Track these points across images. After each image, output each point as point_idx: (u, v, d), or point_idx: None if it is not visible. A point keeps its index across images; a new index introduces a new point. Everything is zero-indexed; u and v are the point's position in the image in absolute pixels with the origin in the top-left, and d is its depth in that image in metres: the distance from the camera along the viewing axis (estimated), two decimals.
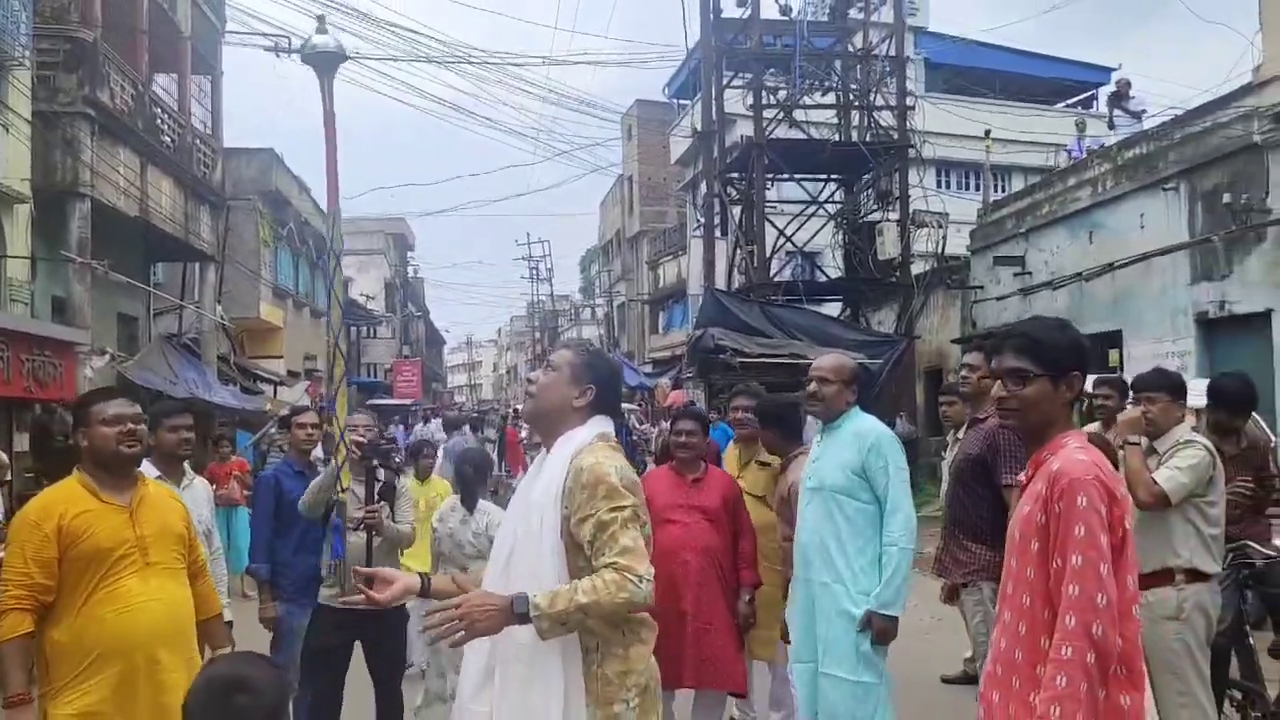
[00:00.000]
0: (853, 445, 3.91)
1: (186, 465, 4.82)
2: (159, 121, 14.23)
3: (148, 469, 4.41)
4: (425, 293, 54.66)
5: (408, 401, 31.93)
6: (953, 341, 18.08)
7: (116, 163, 12.20)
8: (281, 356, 23.73)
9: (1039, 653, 2.10)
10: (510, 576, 2.47)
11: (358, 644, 4.78)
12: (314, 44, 3.79)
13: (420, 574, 2.78)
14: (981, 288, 17.30)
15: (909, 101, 16.78)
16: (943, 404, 6.51)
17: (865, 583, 3.82)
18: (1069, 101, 30.99)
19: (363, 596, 2.58)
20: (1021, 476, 4.08)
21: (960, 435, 6.08)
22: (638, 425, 25.09)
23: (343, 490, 4.07)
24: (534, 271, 58.07)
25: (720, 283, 16.85)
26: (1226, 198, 10.77)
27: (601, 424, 2.57)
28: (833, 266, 18.81)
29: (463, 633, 2.26)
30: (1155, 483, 3.80)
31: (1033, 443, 2.34)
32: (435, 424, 20.92)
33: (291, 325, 25.10)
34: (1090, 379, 6.05)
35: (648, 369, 36.12)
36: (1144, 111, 14.37)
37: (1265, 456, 5.03)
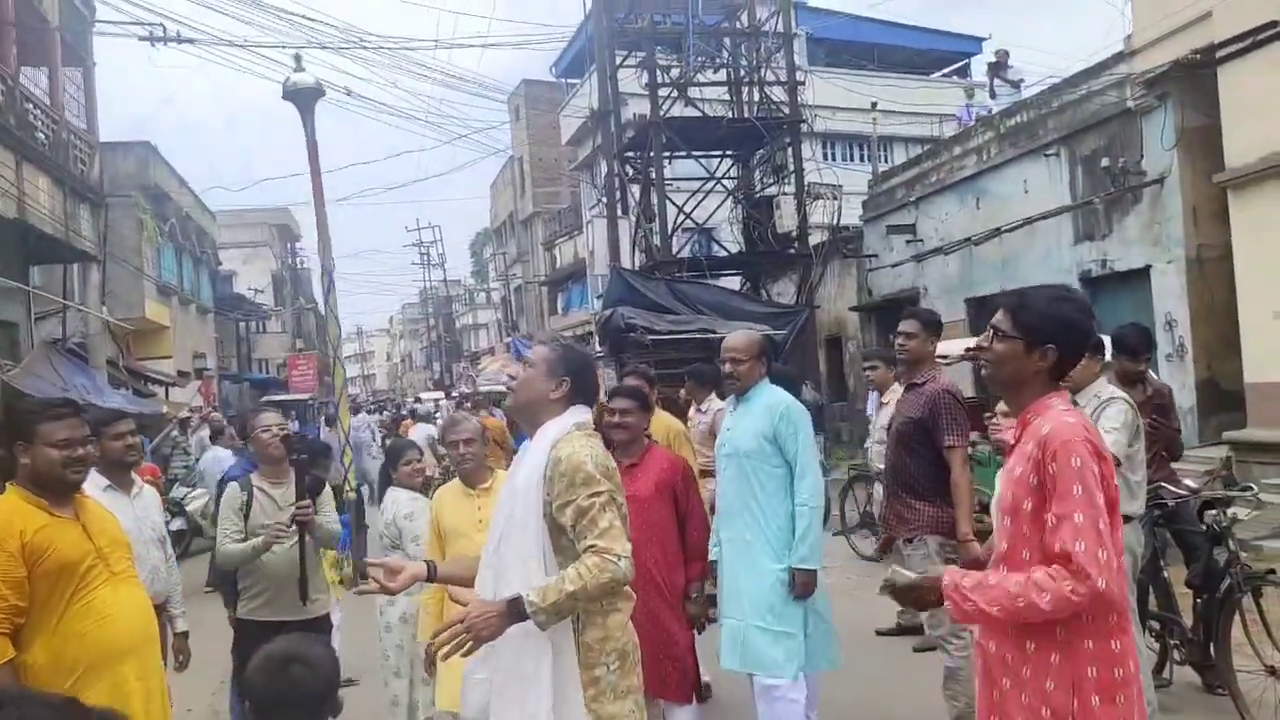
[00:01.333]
0: (765, 415, 4.22)
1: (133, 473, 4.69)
2: (31, 117, 13.54)
3: (96, 479, 4.33)
4: (313, 284, 53.23)
5: (304, 396, 31.18)
6: (850, 309, 18.64)
7: None
8: (170, 356, 22.89)
9: None
10: (502, 555, 2.69)
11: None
12: (294, 82, 3.89)
13: (426, 561, 3.00)
14: (875, 256, 17.84)
15: (798, 77, 17.09)
16: (866, 369, 6.74)
17: (780, 540, 4.16)
18: (944, 71, 31.99)
19: (375, 585, 2.79)
20: (957, 439, 4.40)
21: (884, 399, 6.34)
22: None
23: (351, 490, 4.07)
24: (425, 257, 57.30)
25: (624, 262, 16.93)
26: (1105, 161, 11.36)
27: (578, 413, 2.77)
28: (731, 241, 19.07)
29: (471, 644, 2.47)
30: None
31: (1010, 402, 2.48)
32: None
33: (179, 323, 24.24)
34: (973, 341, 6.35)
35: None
36: (1022, 81, 14.99)
37: (1166, 400, 5.41)
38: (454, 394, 33.98)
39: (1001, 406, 3.97)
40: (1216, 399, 10.71)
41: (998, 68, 15.19)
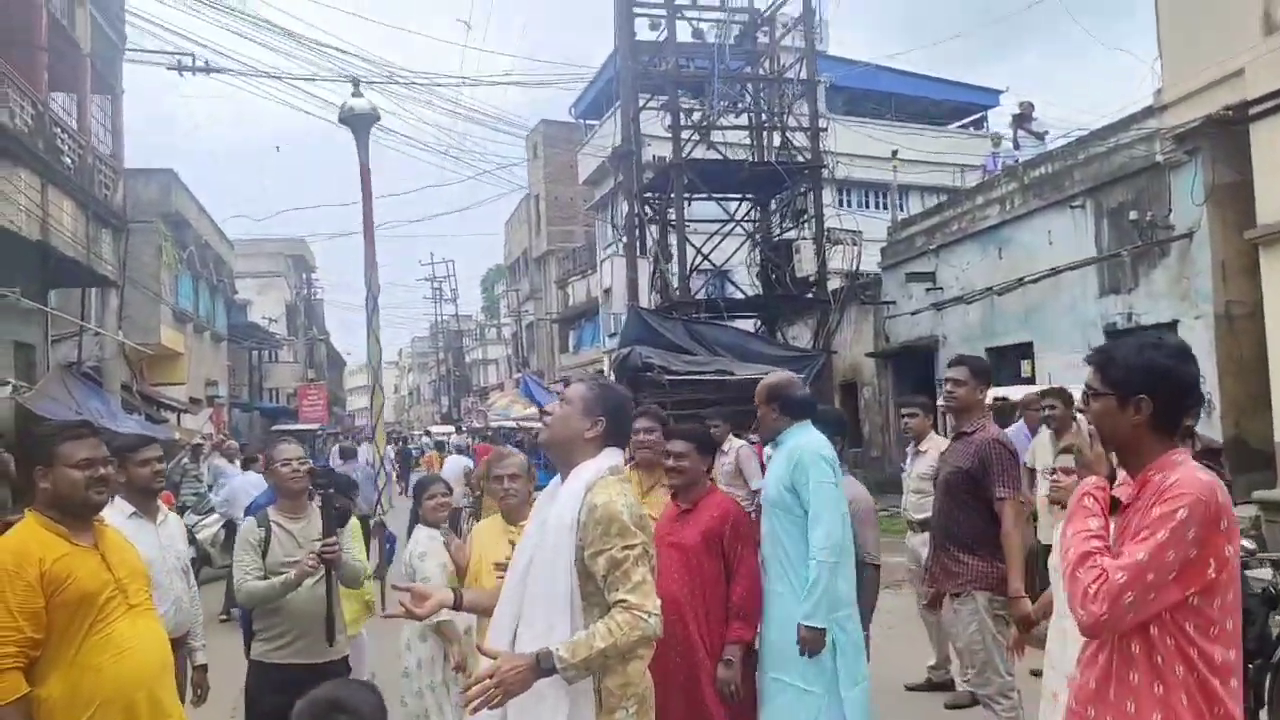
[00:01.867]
0: (785, 462, 4.06)
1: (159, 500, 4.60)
2: (59, 142, 13.62)
3: (122, 506, 4.23)
4: (325, 315, 53.41)
5: (314, 426, 31.10)
6: (867, 355, 18.56)
7: (16, 184, 11.61)
8: (184, 383, 22.90)
9: (1129, 661, 2.14)
10: (527, 589, 2.67)
11: None
12: (350, 106, 3.91)
13: (453, 588, 3.04)
14: (893, 303, 17.79)
15: (821, 123, 17.15)
16: (904, 415, 6.63)
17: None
18: (962, 123, 32.18)
19: (401, 610, 2.83)
20: (1008, 491, 4.28)
21: (922, 448, 6.23)
22: None
23: (383, 514, 3.95)
24: (437, 292, 57.49)
25: (642, 301, 16.89)
26: (1133, 214, 11.31)
27: (612, 456, 2.75)
28: (747, 284, 19.05)
29: (500, 697, 2.43)
30: None
31: (1126, 464, 2.31)
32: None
33: (193, 350, 24.27)
34: (1035, 389, 6.21)
35: (559, 388, 36.00)
36: (1046, 133, 15.00)
37: (1217, 458, 5.28)
38: (463, 429, 33.85)
39: (1062, 460, 3.85)
40: (1245, 457, 10.54)
41: (1022, 119, 15.23)
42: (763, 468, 6.20)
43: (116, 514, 4.01)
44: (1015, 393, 8.76)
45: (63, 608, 2.94)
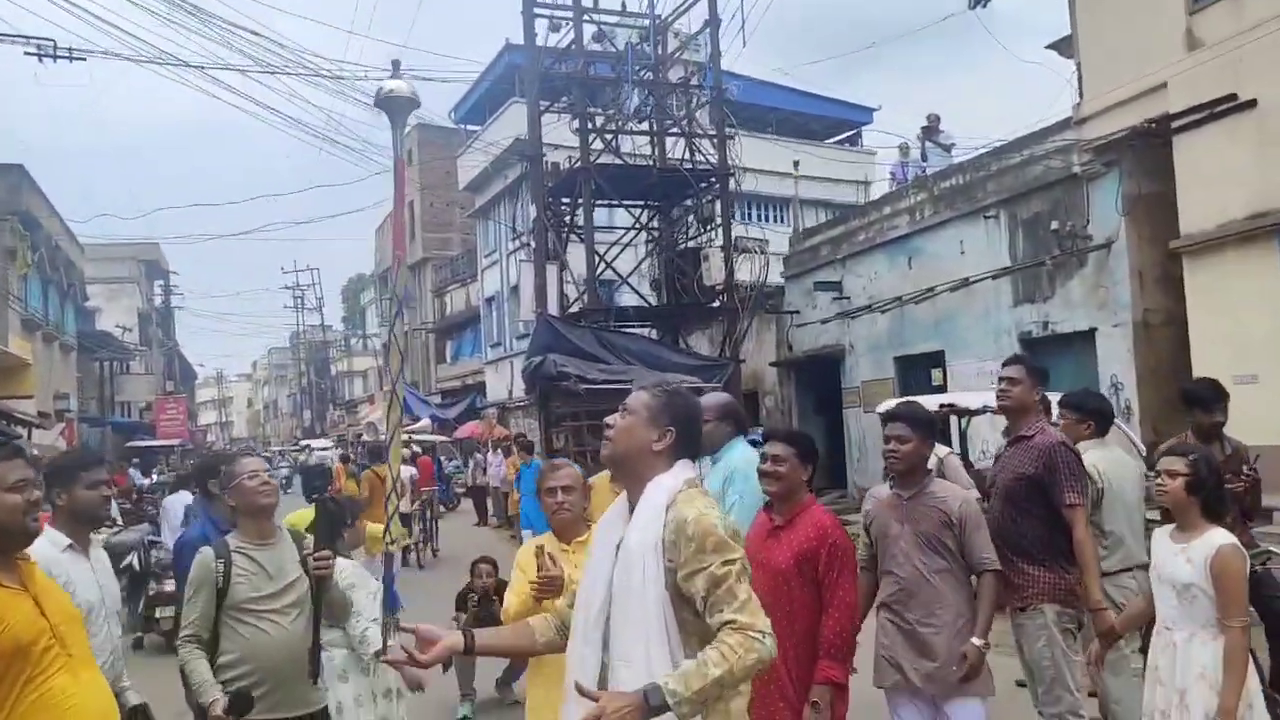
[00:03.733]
0: (720, 475, 4.16)
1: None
2: None
3: (55, 537, 3.54)
4: (175, 325, 50.52)
5: (174, 442, 29.18)
6: (770, 364, 18.56)
7: None
8: (32, 395, 21.00)
9: None
10: (612, 628, 2.40)
11: None
12: (389, 89, 3.49)
13: (463, 630, 2.65)
14: (797, 312, 17.84)
15: (728, 131, 17.06)
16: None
17: None
18: (837, 139, 32.92)
19: (404, 655, 2.55)
20: (1078, 497, 4.07)
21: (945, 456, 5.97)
22: (446, 461, 24.14)
23: (391, 543, 3.38)
24: (299, 301, 55.26)
25: (550, 308, 16.39)
26: (1054, 225, 11.54)
27: (686, 468, 2.53)
28: (646, 294, 18.80)
29: None
30: None
31: None
32: None
33: (42, 360, 22.33)
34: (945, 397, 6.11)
35: (436, 399, 34.97)
36: (953, 144, 15.29)
37: (1242, 460, 5.23)
38: (337, 443, 32.41)
39: (1166, 463, 3.64)
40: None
41: (930, 131, 15.49)
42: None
43: (50, 547, 3.39)
44: (970, 400, 8.72)
45: None
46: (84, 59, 17.55)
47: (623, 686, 2.28)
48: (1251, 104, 9.16)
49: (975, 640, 3.64)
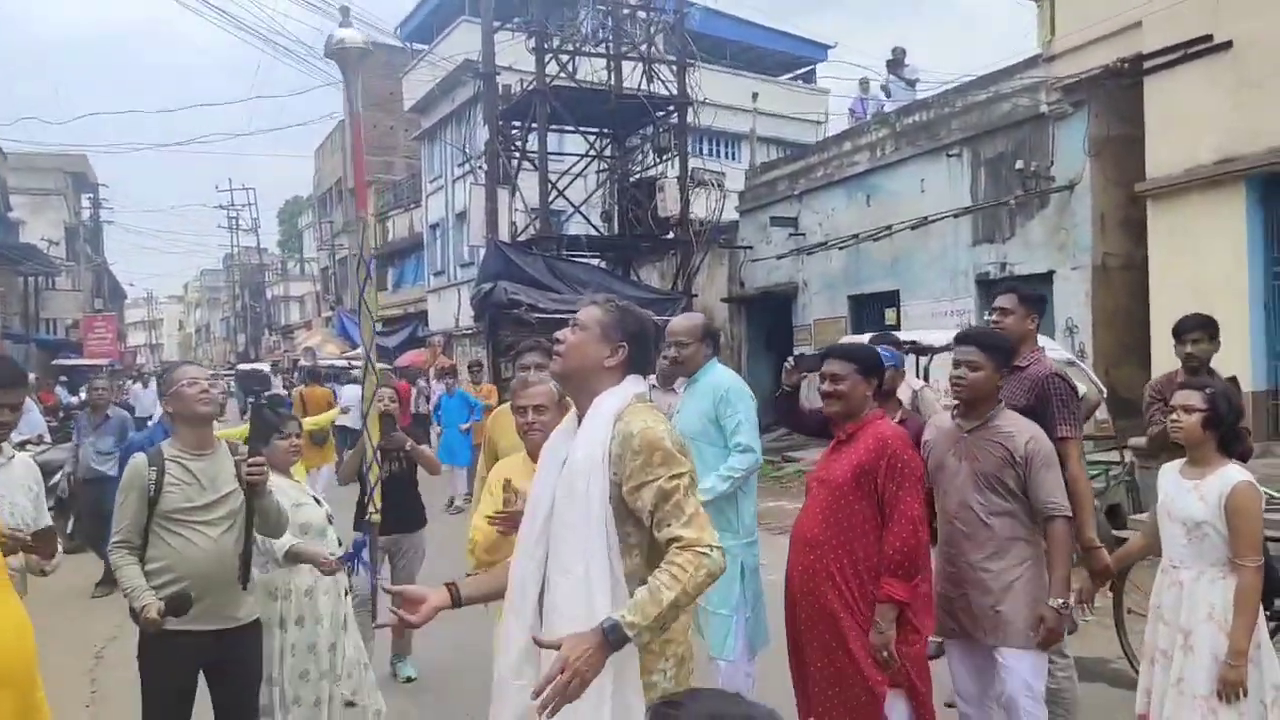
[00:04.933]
0: (709, 395, 4.26)
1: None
2: None
3: None
4: (105, 241, 48.68)
5: (102, 361, 28.18)
6: (722, 300, 18.37)
7: None
8: None
9: None
10: (553, 540, 2.40)
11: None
12: (339, 38, 3.16)
13: (447, 585, 2.62)
14: (751, 248, 17.62)
15: (688, 61, 16.61)
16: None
17: (720, 521, 3.95)
18: (791, 75, 32.45)
19: (394, 620, 2.54)
20: (1071, 430, 3.91)
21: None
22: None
23: (375, 513, 3.26)
24: (234, 222, 53.59)
25: (501, 234, 15.95)
26: (1018, 164, 11.41)
27: (636, 384, 2.52)
28: (596, 223, 18.41)
29: (579, 688, 2.13)
30: None
31: None
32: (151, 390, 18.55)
33: None
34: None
35: (378, 327, 34.26)
36: (918, 80, 15.04)
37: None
38: (273, 368, 31.65)
39: (1182, 398, 3.49)
40: (1115, 405, 10.92)
41: (894, 65, 15.20)
42: None
43: None
44: (933, 338, 8.57)
45: None
46: None
47: (561, 598, 2.31)
48: (1227, 45, 9.03)
49: (1053, 601, 3.43)
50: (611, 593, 2.28)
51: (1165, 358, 9.79)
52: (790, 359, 4.22)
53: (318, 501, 4.39)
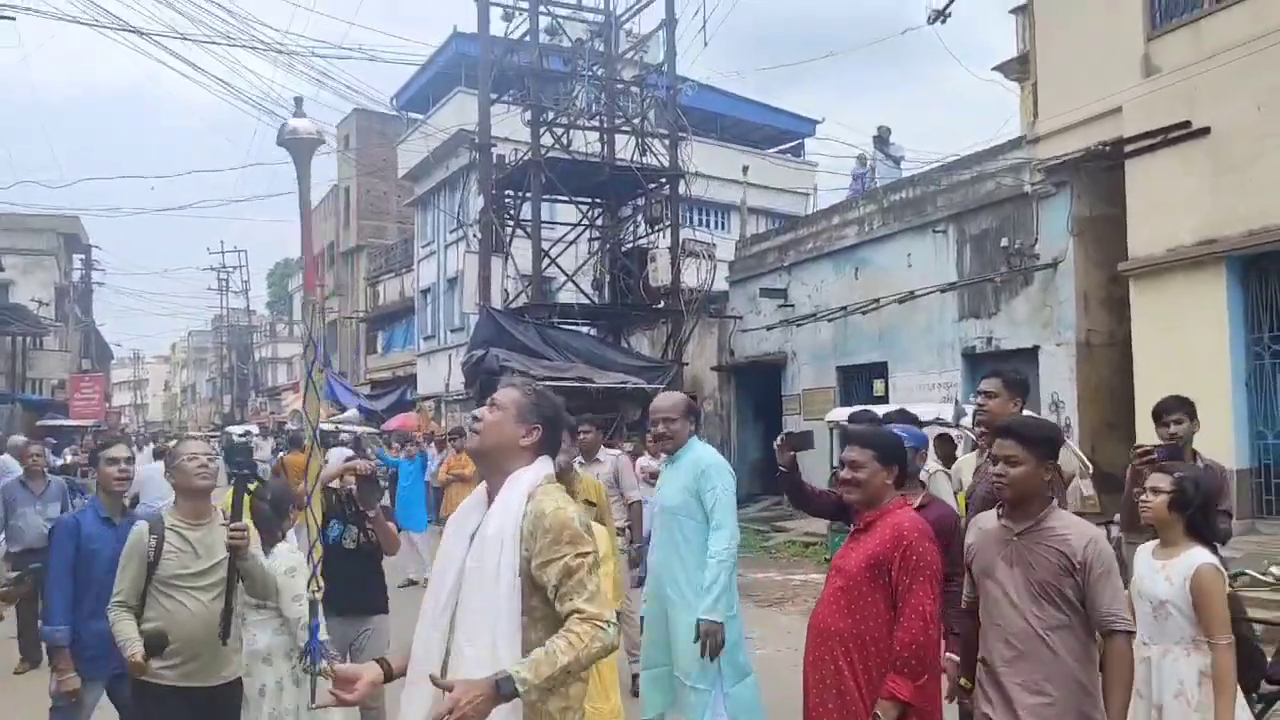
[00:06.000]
0: (690, 470, 4.41)
1: None
2: None
3: None
4: (93, 301, 48.72)
5: (88, 422, 28.03)
6: (711, 369, 18.51)
7: None
8: None
9: None
10: (460, 611, 2.51)
11: None
12: (292, 128, 3.29)
13: (379, 660, 2.72)
14: (740, 317, 17.81)
15: (680, 133, 16.96)
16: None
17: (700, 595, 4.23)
18: (779, 149, 33.05)
19: (333, 700, 2.62)
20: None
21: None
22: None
23: (317, 591, 3.36)
24: (224, 283, 53.77)
25: (494, 302, 16.10)
26: (1004, 242, 11.66)
27: (546, 465, 2.65)
28: (588, 291, 18.60)
29: None
30: None
31: None
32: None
33: None
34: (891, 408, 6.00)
35: (366, 390, 34.27)
36: (903, 158, 15.40)
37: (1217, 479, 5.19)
38: (260, 431, 31.49)
39: (1153, 480, 3.61)
40: (1098, 481, 10.99)
41: (880, 143, 15.56)
42: None
43: None
44: (921, 411, 8.66)
45: None
46: (12, 18, 16.80)
47: (467, 665, 2.39)
48: (1205, 131, 9.32)
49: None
50: (512, 662, 2.39)
51: (1149, 434, 9.91)
52: (780, 437, 4.17)
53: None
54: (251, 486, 4.58)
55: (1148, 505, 3.59)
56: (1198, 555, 3.45)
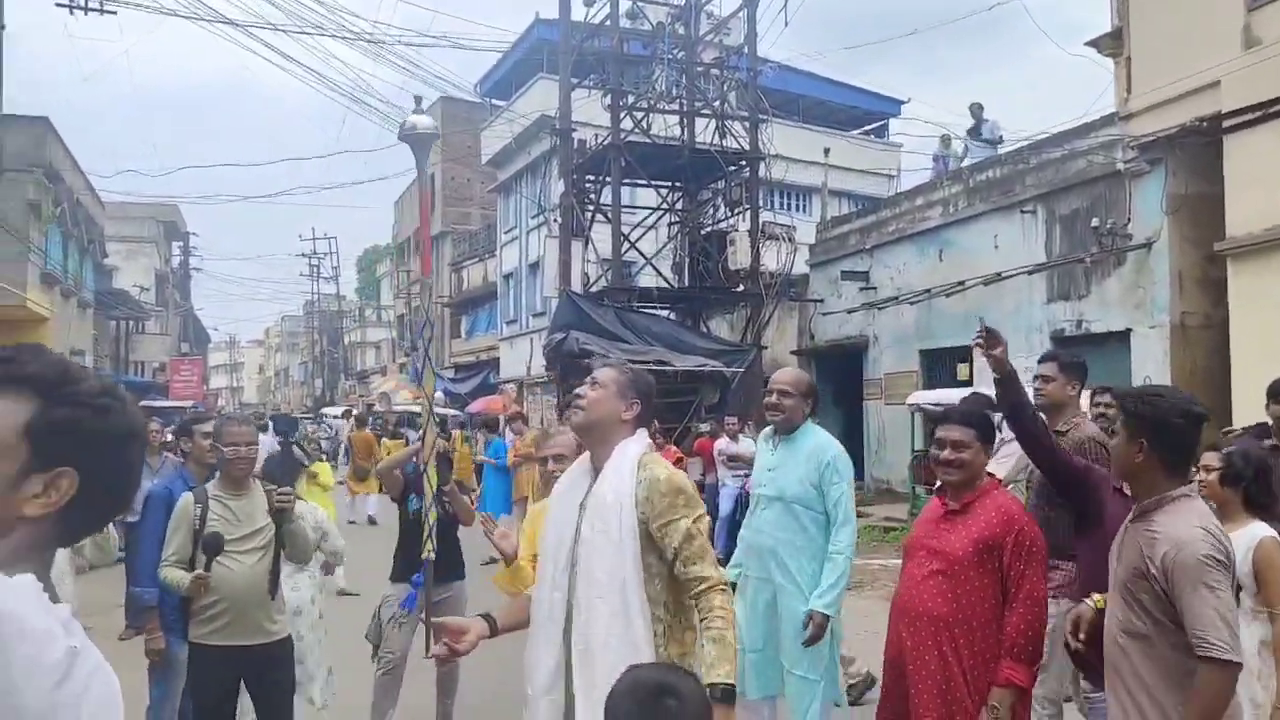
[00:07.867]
0: (811, 460, 4.24)
1: None
2: None
3: None
4: (191, 286, 50.50)
5: (187, 403, 29.10)
6: (792, 352, 18.39)
7: None
8: None
9: None
10: (580, 573, 2.66)
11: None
12: (411, 124, 3.54)
13: (484, 615, 2.89)
14: (821, 300, 17.66)
15: (760, 116, 16.85)
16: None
17: (811, 586, 4.20)
18: (863, 130, 32.55)
19: (445, 650, 2.78)
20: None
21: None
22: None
23: (431, 551, 3.56)
24: (315, 269, 55.16)
25: (574, 285, 16.27)
26: (1095, 222, 11.33)
27: (644, 436, 2.83)
28: (667, 274, 18.64)
29: None
30: None
31: None
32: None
33: (59, 316, 22.28)
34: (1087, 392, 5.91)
35: (450, 374, 34.89)
36: (1001, 139, 15.03)
37: None
38: (354, 412, 32.32)
39: (1204, 459, 3.60)
40: None
41: (974, 123, 15.20)
42: None
43: None
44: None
45: None
46: (114, 12, 17.49)
47: (602, 620, 2.57)
48: None
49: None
50: (643, 614, 2.58)
51: (1247, 418, 9.58)
52: (979, 330, 3.74)
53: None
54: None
55: (1204, 484, 3.65)
56: (1259, 529, 3.54)
